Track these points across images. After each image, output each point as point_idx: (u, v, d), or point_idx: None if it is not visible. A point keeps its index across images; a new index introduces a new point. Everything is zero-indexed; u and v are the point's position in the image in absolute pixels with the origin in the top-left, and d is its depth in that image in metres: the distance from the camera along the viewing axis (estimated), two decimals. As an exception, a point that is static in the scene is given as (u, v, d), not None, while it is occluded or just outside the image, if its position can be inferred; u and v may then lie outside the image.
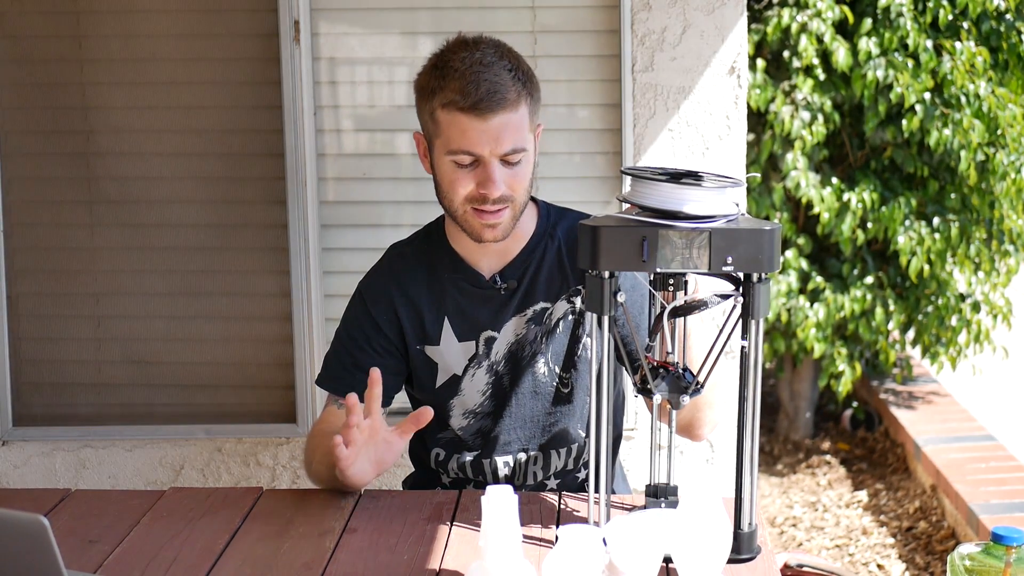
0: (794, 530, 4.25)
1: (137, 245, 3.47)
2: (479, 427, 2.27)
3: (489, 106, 2.05)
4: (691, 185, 1.78)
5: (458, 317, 2.22)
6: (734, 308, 1.84)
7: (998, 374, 5.53)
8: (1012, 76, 4.54)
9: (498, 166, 2.09)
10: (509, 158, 2.09)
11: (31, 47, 3.43)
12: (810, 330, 4.47)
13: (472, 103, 2.05)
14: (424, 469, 2.38)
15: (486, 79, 2.06)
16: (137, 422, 3.51)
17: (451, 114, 2.08)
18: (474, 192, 2.10)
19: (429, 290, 2.24)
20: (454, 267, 2.24)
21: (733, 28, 3.29)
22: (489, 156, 2.08)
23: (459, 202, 2.13)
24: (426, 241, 2.29)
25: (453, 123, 2.08)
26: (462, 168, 2.10)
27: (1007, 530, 1.66)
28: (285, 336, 3.46)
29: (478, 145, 2.07)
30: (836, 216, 4.41)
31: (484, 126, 2.06)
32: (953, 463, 4.29)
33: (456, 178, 2.11)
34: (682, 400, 1.87)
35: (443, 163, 2.13)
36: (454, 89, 2.07)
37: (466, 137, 2.07)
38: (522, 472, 2.27)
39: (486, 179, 2.09)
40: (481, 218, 2.12)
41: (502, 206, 2.11)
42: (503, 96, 2.06)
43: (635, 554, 1.64)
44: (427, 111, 2.14)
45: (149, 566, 1.86)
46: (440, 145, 2.12)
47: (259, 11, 3.37)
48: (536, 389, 2.24)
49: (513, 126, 2.08)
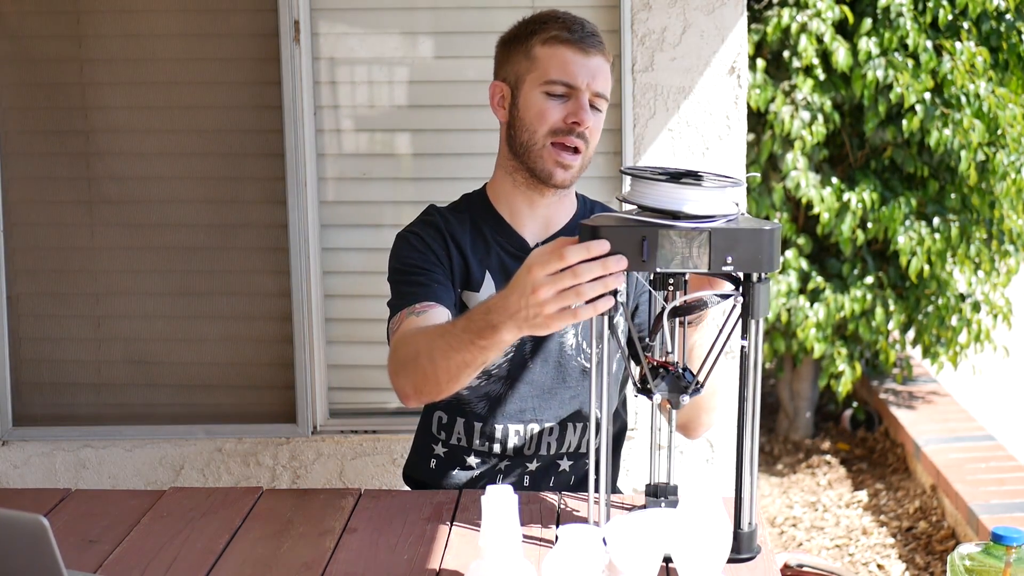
0: (794, 530, 4.25)
1: (137, 245, 3.47)
2: (487, 391, 2.24)
3: (593, 44, 2.18)
4: (691, 185, 1.78)
5: (501, 274, 2.24)
6: (734, 308, 1.84)
7: (998, 374, 5.53)
8: (1012, 76, 4.54)
9: (587, 102, 2.17)
10: (597, 101, 2.19)
11: (31, 47, 3.43)
12: (810, 330, 4.47)
13: (579, 38, 2.17)
14: (423, 432, 2.36)
15: (588, 27, 2.20)
16: (137, 422, 3.51)
17: (554, 48, 2.17)
18: (561, 123, 2.17)
19: (474, 242, 2.26)
20: (499, 230, 2.27)
21: (733, 28, 3.29)
22: (585, 89, 2.16)
23: (543, 134, 2.18)
24: (468, 204, 2.32)
25: (555, 55, 2.17)
26: (553, 99, 2.17)
27: (1007, 530, 1.66)
28: (285, 336, 3.46)
29: (578, 77, 2.16)
30: (836, 216, 4.41)
31: (586, 60, 2.17)
32: (953, 463, 4.29)
33: (546, 108, 2.18)
34: (682, 400, 1.87)
35: (533, 96, 2.19)
36: (559, 27, 2.18)
37: (567, 68, 2.16)
38: (535, 443, 2.26)
39: (578, 108, 2.17)
40: (559, 155, 2.18)
41: (580, 144, 2.18)
42: (600, 41, 2.20)
43: (635, 554, 1.64)
44: (521, 52, 2.21)
45: (149, 566, 1.86)
46: (533, 79, 2.19)
47: (259, 11, 3.37)
48: (560, 359, 2.24)
49: (605, 72, 2.20)
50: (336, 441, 3.48)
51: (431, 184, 3.42)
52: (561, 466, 2.30)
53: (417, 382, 2.03)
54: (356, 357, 3.46)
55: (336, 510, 2.07)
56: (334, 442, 3.48)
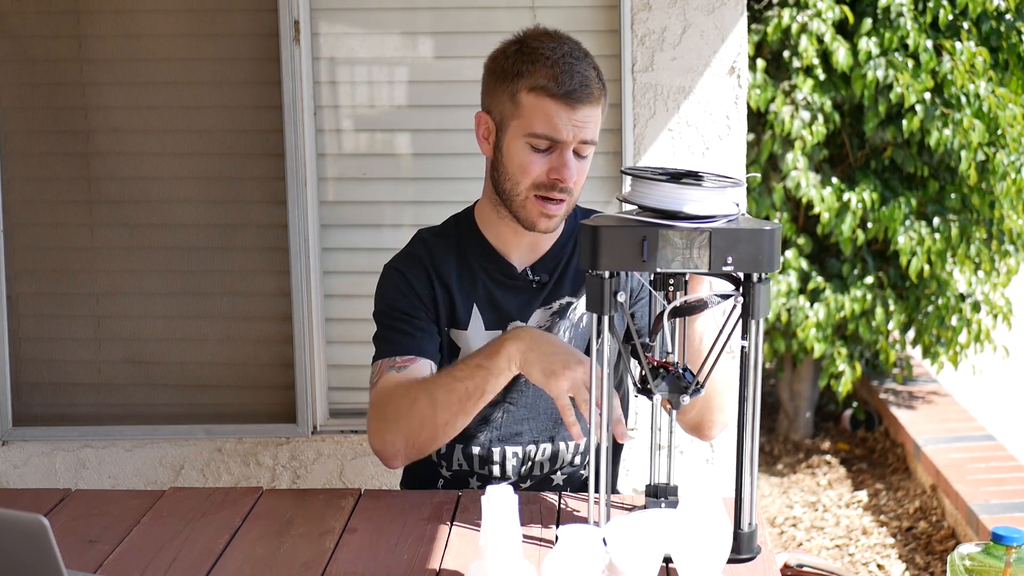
0: (794, 530, 4.25)
1: (137, 245, 3.47)
2: (484, 415, 2.25)
3: (580, 97, 2.10)
4: (691, 185, 1.78)
5: (488, 306, 2.23)
6: (734, 308, 1.84)
7: (998, 374, 5.53)
8: (1012, 76, 4.54)
9: (572, 155, 2.13)
10: (583, 149, 2.14)
11: (31, 47, 3.43)
12: (810, 330, 4.47)
13: (566, 91, 2.09)
14: (423, 463, 2.37)
15: (578, 71, 2.11)
16: (137, 422, 3.51)
17: (539, 98, 2.11)
18: (544, 178, 2.13)
19: (460, 275, 2.25)
20: (486, 257, 2.25)
21: (733, 28, 3.29)
22: (569, 143, 2.12)
23: (526, 186, 2.15)
24: (456, 228, 2.30)
25: (540, 107, 2.11)
26: (536, 152, 2.13)
27: (1007, 530, 1.66)
28: (285, 336, 3.46)
29: (562, 131, 2.11)
30: (836, 216, 4.41)
31: (572, 115, 2.10)
32: (953, 463, 4.29)
33: (529, 161, 2.14)
34: (682, 400, 1.87)
35: (516, 145, 2.14)
36: (546, 76, 2.10)
37: (552, 123, 2.10)
38: (531, 464, 2.27)
39: (561, 165, 2.12)
40: (543, 206, 2.15)
41: (564, 197, 2.15)
42: (591, 91, 2.12)
43: (635, 554, 1.64)
44: (506, 92, 2.15)
45: (149, 566, 1.86)
46: (517, 127, 2.14)
47: (259, 11, 3.37)
48: None
49: (594, 120, 2.14)
50: (336, 441, 3.48)
51: (431, 184, 3.42)
52: (555, 480, 2.30)
53: (411, 433, 2.10)
54: (356, 357, 3.45)
55: (336, 510, 2.07)
56: (334, 442, 3.48)
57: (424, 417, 2.07)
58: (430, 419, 2.07)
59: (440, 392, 2.06)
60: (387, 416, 2.13)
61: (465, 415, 2.07)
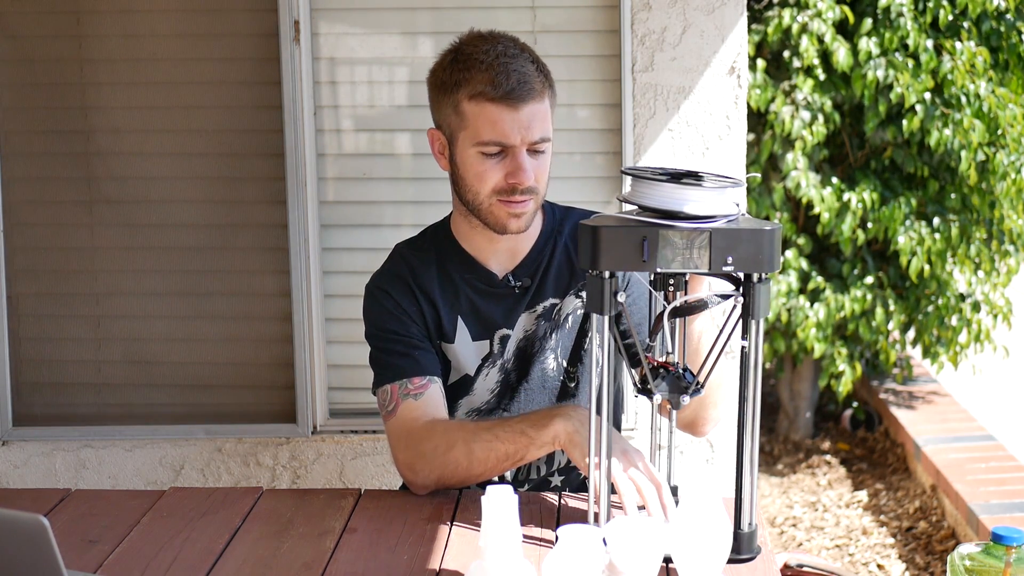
0: (794, 530, 4.25)
1: (137, 245, 3.47)
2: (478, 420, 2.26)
3: (520, 95, 2.07)
4: (691, 185, 1.78)
5: (472, 316, 2.22)
6: (734, 308, 1.84)
7: (998, 374, 5.53)
8: (1012, 76, 4.54)
9: (526, 156, 2.10)
10: (537, 147, 2.11)
11: (31, 47, 3.43)
12: (810, 330, 4.47)
13: (504, 93, 2.06)
14: None
15: (514, 69, 2.07)
16: (137, 422, 3.51)
17: (480, 105, 2.08)
18: (502, 183, 2.11)
19: (442, 288, 2.23)
20: (466, 267, 2.23)
21: (733, 28, 3.29)
22: (520, 145, 2.09)
23: (485, 194, 2.13)
24: (434, 240, 2.28)
25: (482, 114, 2.08)
26: (490, 159, 2.10)
27: (1007, 530, 1.66)
28: (285, 336, 3.46)
29: (509, 135, 2.08)
30: (836, 216, 4.41)
31: (515, 116, 2.07)
32: (953, 463, 4.29)
33: (483, 169, 2.11)
34: (682, 400, 1.87)
35: (468, 155, 2.12)
36: (482, 80, 2.07)
37: (497, 127, 2.08)
38: (525, 466, 2.27)
39: (516, 168, 2.10)
40: (508, 207, 2.12)
41: (528, 196, 2.12)
42: (531, 86, 2.08)
43: (635, 554, 1.64)
44: (449, 104, 2.13)
45: (149, 566, 1.86)
46: (466, 137, 2.11)
47: (259, 11, 3.37)
48: (544, 383, 2.25)
49: (540, 115, 2.10)
50: (336, 441, 3.48)
51: (431, 184, 3.42)
52: (552, 482, 2.31)
53: (445, 473, 2.08)
54: (356, 357, 3.45)
55: (336, 510, 2.07)
56: (334, 442, 3.48)
57: (459, 465, 2.07)
58: (464, 468, 2.07)
59: (479, 447, 2.05)
60: (424, 453, 2.10)
61: (499, 472, 2.08)
